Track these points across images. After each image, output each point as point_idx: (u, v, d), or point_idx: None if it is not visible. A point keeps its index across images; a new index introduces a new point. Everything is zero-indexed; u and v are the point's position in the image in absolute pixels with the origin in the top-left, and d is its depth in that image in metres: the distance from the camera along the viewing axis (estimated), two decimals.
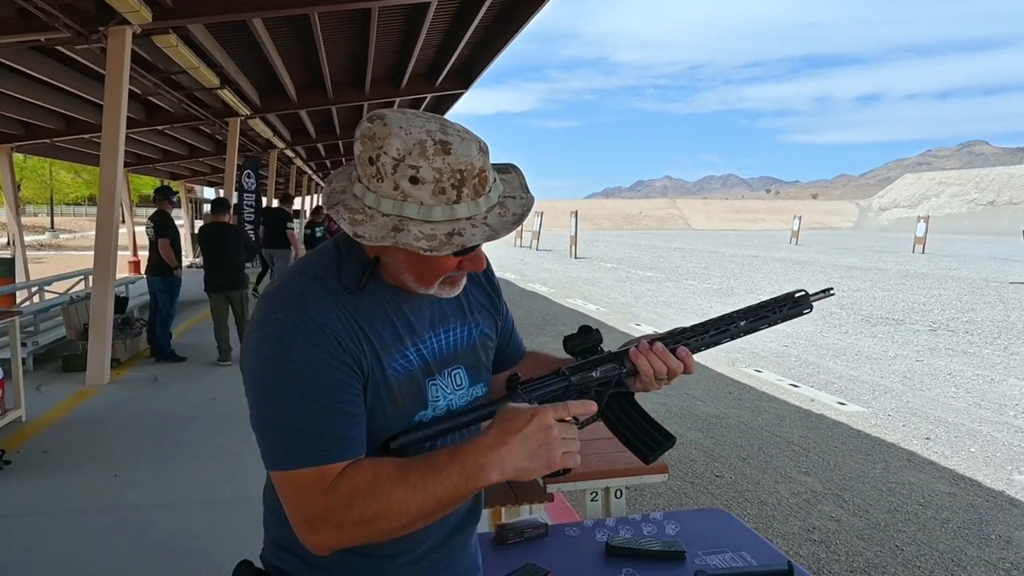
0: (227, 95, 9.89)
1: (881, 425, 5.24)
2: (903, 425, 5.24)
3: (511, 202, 0.95)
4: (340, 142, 18.21)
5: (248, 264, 8.54)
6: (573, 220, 27.43)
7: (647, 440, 1.06)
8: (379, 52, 9.67)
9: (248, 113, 11.52)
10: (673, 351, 1.07)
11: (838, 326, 9.97)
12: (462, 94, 13.13)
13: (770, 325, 1.11)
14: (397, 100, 12.26)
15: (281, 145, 16.31)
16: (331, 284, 0.97)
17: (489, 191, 0.93)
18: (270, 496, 1.09)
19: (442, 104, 14.58)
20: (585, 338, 1.08)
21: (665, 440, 1.06)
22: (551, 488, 2.12)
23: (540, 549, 1.75)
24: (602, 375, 1.05)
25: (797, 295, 1.12)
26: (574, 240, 26.87)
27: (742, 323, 1.10)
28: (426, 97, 13.01)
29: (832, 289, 1.16)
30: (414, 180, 0.87)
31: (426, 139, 0.87)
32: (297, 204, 24.25)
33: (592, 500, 2.19)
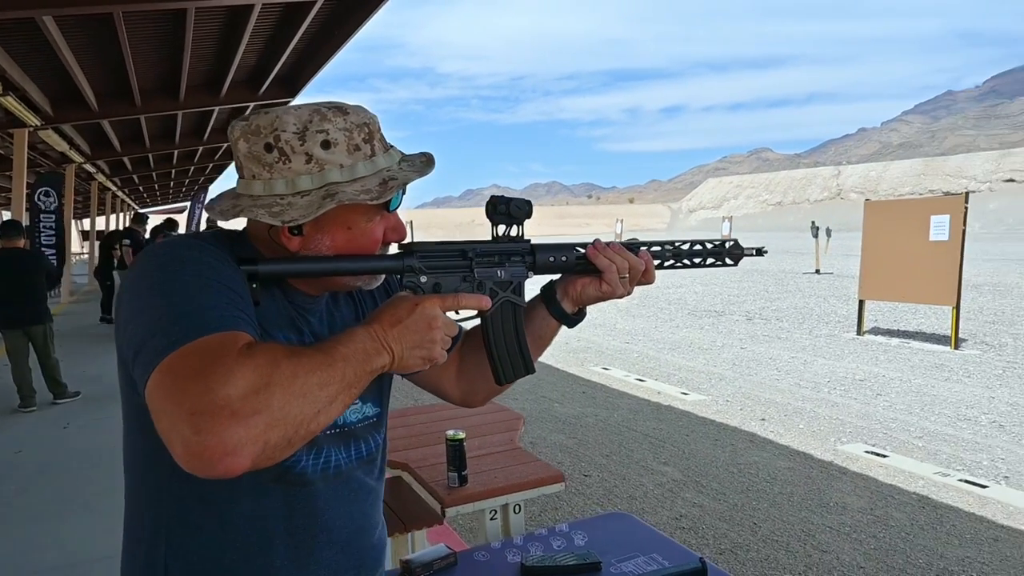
0: (11, 103, 8.66)
1: (722, 411, 5.64)
2: (740, 409, 5.68)
3: (409, 156, 0.94)
4: (150, 155, 16.68)
5: (50, 293, 7.51)
6: (409, 229, 27.28)
7: (511, 362, 1.01)
8: (195, 57, 8.95)
9: (38, 124, 10.18)
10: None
11: (669, 320, 10.67)
12: (288, 103, 12.53)
13: (702, 265, 1.11)
14: (216, 109, 11.44)
15: (79, 159, 14.61)
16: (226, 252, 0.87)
17: (390, 148, 0.92)
18: (132, 523, 0.92)
19: None
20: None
21: (526, 370, 1.02)
22: (450, 512, 2.00)
23: None
24: (508, 277, 0.98)
25: (728, 244, 1.12)
26: None
27: (684, 253, 1.09)
28: (248, 106, 12.24)
29: (765, 248, 1.16)
30: (326, 144, 0.83)
31: (318, 108, 0.84)
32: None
33: (492, 519, 2.11)
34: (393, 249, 0.97)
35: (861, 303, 9.02)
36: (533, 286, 1.06)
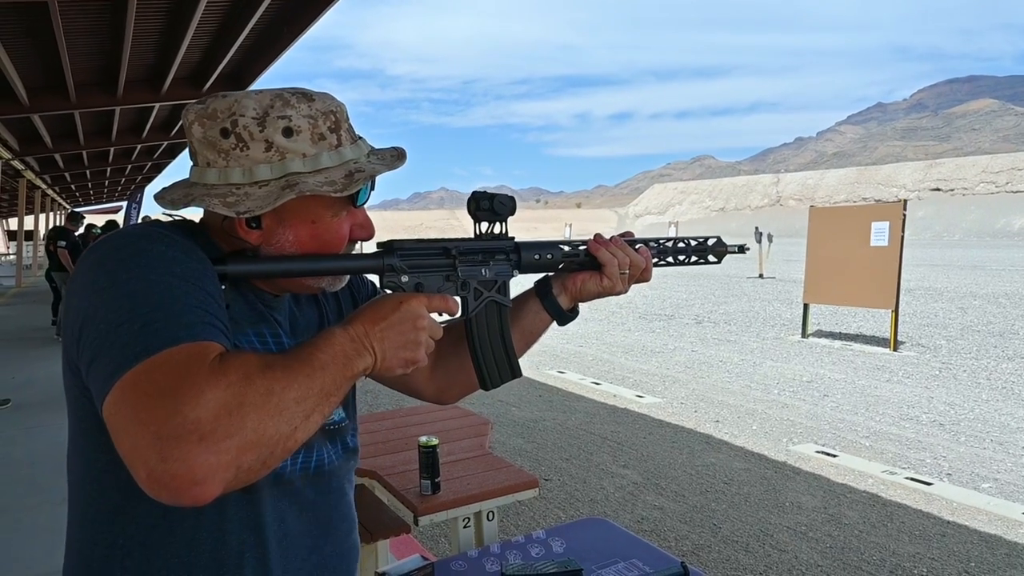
0: None
1: (677, 413, 5.70)
2: (695, 411, 5.75)
3: (379, 150, 0.89)
4: (85, 152, 15.99)
5: None
6: None
7: (497, 366, 0.98)
8: (136, 51, 8.60)
9: None
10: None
11: (621, 324, 10.77)
12: None
13: (686, 263, 1.11)
14: (156, 105, 11.05)
15: (6, 155, 13.90)
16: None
17: (359, 139, 0.86)
18: (80, 544, 0.83)
19: None
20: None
21: (512, 374, 0.99)
22: (423, 520, 1.94)
23: None
24: (492, 275, 0.94)
25: (712, 241, 1.11)
26: None
27: (669, 251, 1.08)
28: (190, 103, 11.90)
29: (747, 246, 1.18)
30: (288, 132, 0.78)
31: (281, 93, 0.79)
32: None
33: (465, 527, 2.06)
34: (358, 247, 0.93)
35: (806, 306, 9.27)
36: (515, 286, 1.02)
